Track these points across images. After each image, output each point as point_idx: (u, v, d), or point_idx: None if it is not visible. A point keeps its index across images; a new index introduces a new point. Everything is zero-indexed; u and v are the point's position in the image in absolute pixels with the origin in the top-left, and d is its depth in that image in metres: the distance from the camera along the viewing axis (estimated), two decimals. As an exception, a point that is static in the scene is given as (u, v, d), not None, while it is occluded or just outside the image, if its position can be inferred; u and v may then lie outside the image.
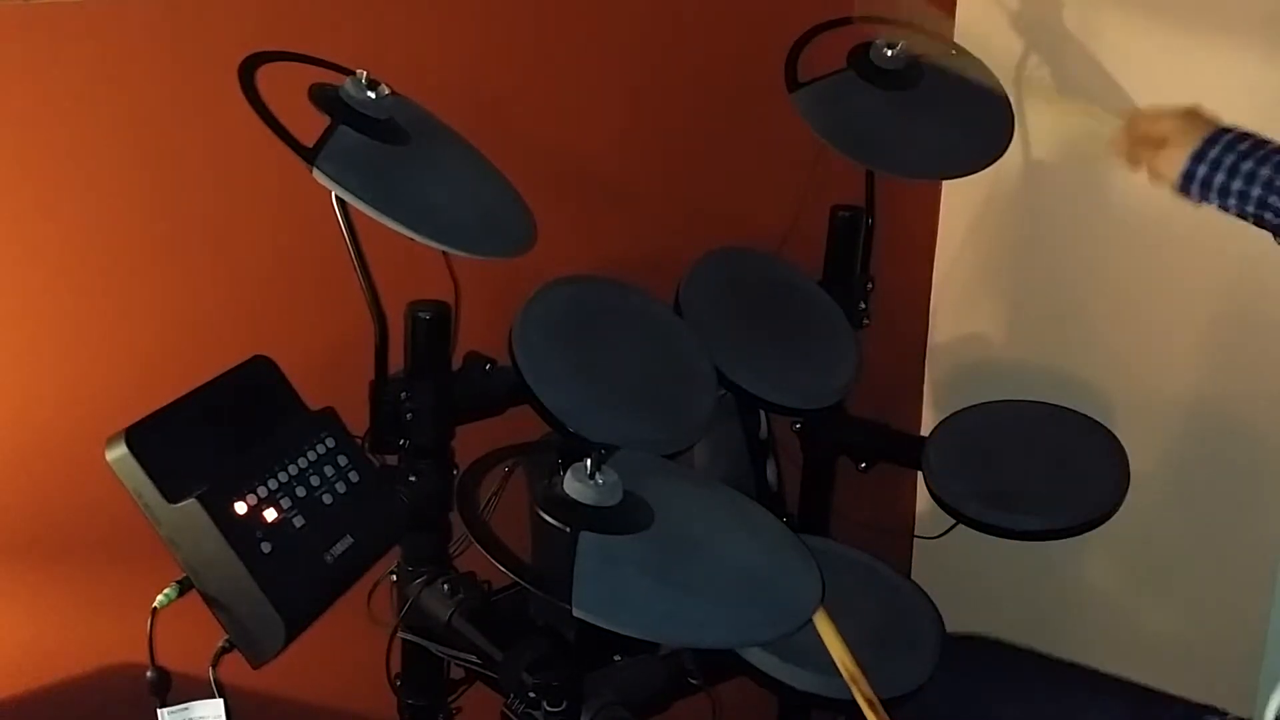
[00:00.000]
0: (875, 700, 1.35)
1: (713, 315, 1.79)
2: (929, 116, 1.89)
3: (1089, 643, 2.04)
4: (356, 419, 1.50)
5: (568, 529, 1.32)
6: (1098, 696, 1.79)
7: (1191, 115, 1.49)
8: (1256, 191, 1.39)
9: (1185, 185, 1.44)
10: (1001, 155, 1.90)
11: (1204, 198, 1.44)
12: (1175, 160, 1.45)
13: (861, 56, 1.88)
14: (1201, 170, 1.43)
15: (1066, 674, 1.85)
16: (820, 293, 1.96)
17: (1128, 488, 1.83)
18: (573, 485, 1.37)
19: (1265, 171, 1.39)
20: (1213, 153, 1.43)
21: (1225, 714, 1.69)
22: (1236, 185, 1.40)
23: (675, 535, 1.39)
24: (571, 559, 1.30)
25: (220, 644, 1.32)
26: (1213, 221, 1.50)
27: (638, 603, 1.31)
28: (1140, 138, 1.52)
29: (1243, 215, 1.42)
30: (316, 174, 1.33)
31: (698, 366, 1.72)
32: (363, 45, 1.66)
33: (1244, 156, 1.41)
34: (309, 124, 1.37)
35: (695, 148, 2.11)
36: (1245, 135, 1.44)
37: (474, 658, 1.50)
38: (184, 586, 1.30)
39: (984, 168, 1.91)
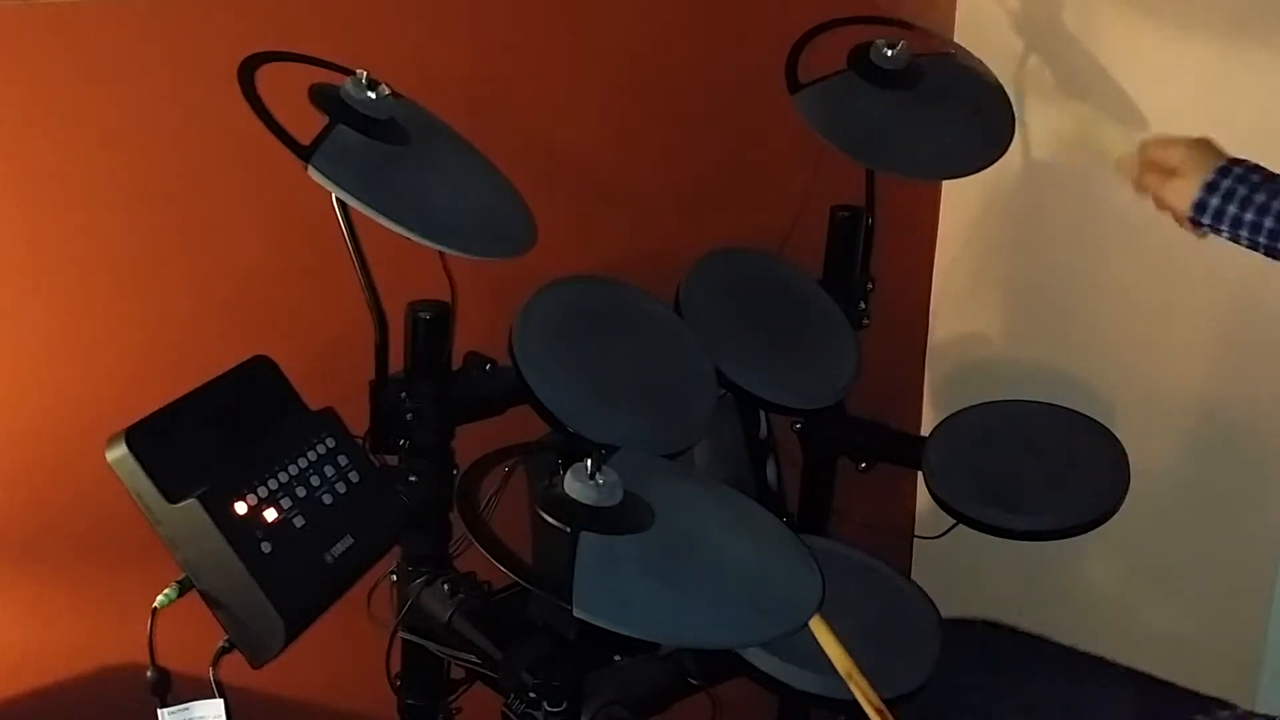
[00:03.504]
0: (874, 697, 1.35)
1: (713, 315, 1.79)
2: (929, 116, 1.89)
3: (1089, 642, 2.04)
4: (356, 419, 1.50)
5: (568, 529, 1.32)
6: (1105, 685, 1.79)
7: (1202, 145, 1.49)
8: (1269, 223, 1.40)
9: (1197, 215, 1.45)
10: (1002, 155, 1.90)
11: (1215, 229, 1.45)
12: (1186, 190, 1.46)
13: (862, 57, 1.88)
14: (1214, 201, 1.43)
15: (1073, 661, 1.86)
16: (820, 293, 1.96)
17: (1128, 487, 1.83)
18: (573, 485, 1.37)
19: (1278, 204, 1.39)
20: (1225, 183, 1.43)
21: (1235, 708, 1.69)
22: (1249, 217, 1.41)
23: (675, 535, 1.39)
24: (571, 559, 1.29)
25: (220, 644, 1.33)
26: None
27: (638, 603, 1.31)
28: (1150, 165, 1.52)
29: (1253, 246, 1.43)
30: (312, 172, 1.33)
31: (698, 366, 1.72)
32: (362, 45, 1.66)
33: (1256, 188, 1.42)
34: (312, 125, 1.37)
35: (695, 148, 2.11)
36: (1257, 168, 1.45)
37: (474, 658, 1.50)
38: (184, 586, 1.31)
39: (984, 168, 1.91)
